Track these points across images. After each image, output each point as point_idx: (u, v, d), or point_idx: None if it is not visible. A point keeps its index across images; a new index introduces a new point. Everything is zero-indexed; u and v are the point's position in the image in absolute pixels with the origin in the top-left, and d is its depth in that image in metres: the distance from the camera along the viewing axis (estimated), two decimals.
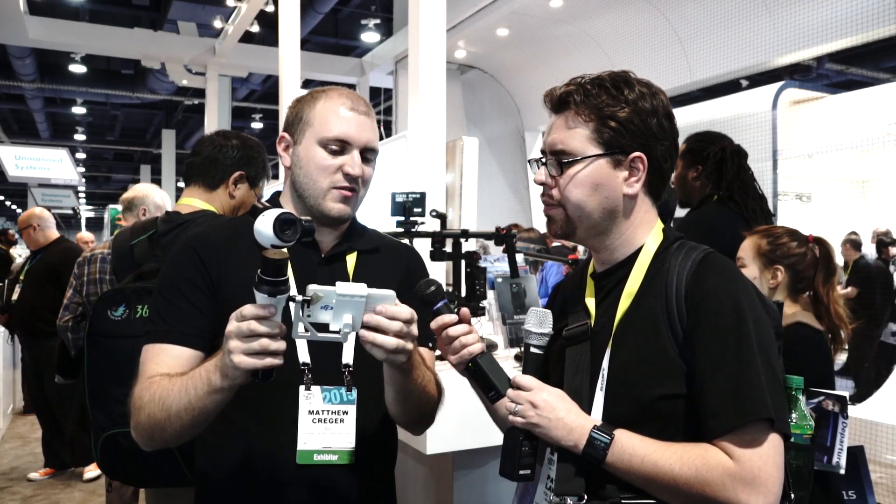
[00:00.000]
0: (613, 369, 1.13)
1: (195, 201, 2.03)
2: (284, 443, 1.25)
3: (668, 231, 1.22)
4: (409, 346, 1.14)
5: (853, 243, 8.17)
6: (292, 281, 1.26)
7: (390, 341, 1.10)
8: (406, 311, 1.12)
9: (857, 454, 1.67)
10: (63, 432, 4.64)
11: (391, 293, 1.12)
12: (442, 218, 2.43)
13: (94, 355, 1.81)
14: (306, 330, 1.08)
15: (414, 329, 1.14)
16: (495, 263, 3.91)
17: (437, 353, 2.18)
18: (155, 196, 3.37)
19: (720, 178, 2.63)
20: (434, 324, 1.20)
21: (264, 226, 1.11)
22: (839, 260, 8.17)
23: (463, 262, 2.44)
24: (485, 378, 1.19)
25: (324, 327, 1.09)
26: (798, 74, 8.99)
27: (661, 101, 1.17)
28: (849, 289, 8.12)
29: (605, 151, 1.15)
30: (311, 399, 1.27)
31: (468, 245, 2.56)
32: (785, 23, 6.71)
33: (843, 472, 1.54)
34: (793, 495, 1.14)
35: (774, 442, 1.03)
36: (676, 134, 1.19)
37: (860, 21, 6.16)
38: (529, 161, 1.25)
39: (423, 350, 1.39)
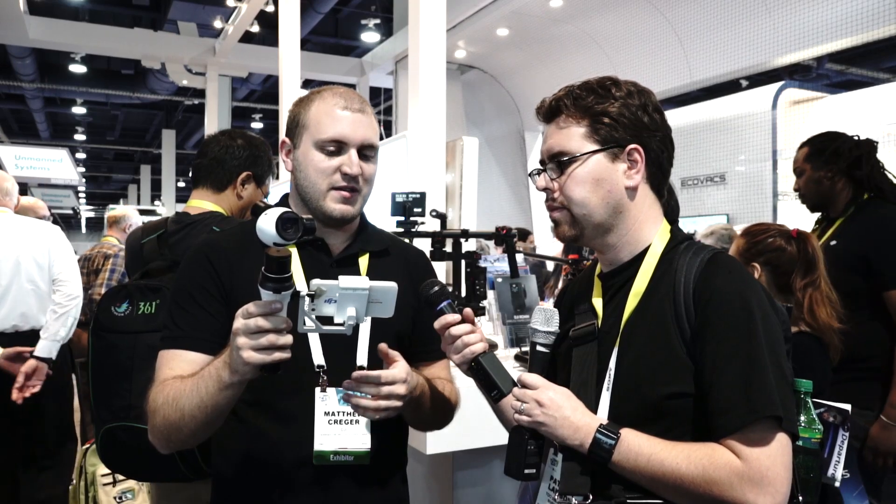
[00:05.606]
0: (620, 368, 1.13)
1: (204, 203, 2.04)
2: (301, 444, 1.26)
3: (676, 231, 1.22)
4: (397, 404, 1.18)
5: None
6: (303, 282, 1.28)
7: (373, 404, 1.16)
8: (390, 374, 1.17)
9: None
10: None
11: (393, 285, 1.14)
12: (442, 218, 2.44)
13: (97, 349, 1.83)
14: (311, 323, 1.10)
15: (398, 389, 1.17)
16: (495, 263, 3.91)
17: None
18: (135, 216, 4.59)
19: (863, 176, 2.40)
20: (437, 324, 1.21)
21: (267, 224, 1.13)
22: None
23: (463, 262, 2.44)
24: (487, 377, 1.19)
25: (328, 320, 1.12)
26: (798, 74, 8.97)
27: (649, 97, 1.20)
28: None
29: (601, 146, 1.17)
30: (326, 401, 1.27)
31: (468, 245, 2.56)
32: (785, 23, 6.72)
33: (838, 484, 1.53)
34: (801, 498, 1.13)
35: (782, 441, 1.02)
36: (669, 128, 1.21)
37: (860, 21, 6.16)
38: (530, 174, 1.26)
39: (438, 364, 1.42)
